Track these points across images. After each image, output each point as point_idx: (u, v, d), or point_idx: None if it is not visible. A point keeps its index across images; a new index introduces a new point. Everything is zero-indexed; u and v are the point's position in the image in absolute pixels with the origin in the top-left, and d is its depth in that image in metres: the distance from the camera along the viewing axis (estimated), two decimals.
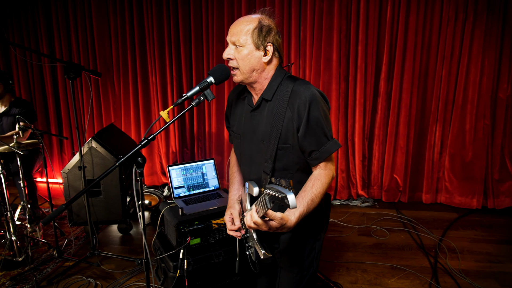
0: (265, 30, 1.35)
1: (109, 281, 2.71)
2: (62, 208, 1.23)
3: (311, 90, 1.34)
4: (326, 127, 1.36)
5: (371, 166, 4.14)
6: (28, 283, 2.70)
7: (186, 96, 1.32)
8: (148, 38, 4.30)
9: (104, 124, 4.65)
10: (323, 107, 1.36)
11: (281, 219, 1.21)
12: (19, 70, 4.72)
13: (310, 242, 1.54)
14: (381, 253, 3.08)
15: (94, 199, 3.19)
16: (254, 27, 1.35)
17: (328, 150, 1.38)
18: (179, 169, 2.64)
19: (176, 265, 2.21)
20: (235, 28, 1.37)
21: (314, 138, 1.36)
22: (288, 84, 1.38)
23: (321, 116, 1.34)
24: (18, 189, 3.42)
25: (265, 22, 1.37)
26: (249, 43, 1.35)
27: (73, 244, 3.28)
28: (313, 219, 1.49)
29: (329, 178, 1.39)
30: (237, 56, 1.37)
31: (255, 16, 1.39)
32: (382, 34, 3.78)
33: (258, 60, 1.37)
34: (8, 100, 3.50)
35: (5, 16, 4.60)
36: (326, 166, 1.40)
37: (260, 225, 1.21)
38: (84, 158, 3.09)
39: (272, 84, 1.41)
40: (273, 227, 1.23)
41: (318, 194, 1.35)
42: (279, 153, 1.39)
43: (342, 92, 3.93)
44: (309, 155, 1.39)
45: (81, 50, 4.50)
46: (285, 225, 1.25)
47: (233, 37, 1.37)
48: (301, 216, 1.30)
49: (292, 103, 1.35)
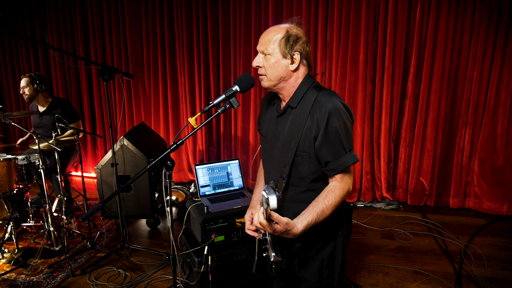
0: (292, 40, 1.39)
1: (137, 273, 2.86)
2: (99, 206, 1.34)
3: (333, 102, 1.35)
4: (344, 139, 1.36)
5: (396, 168, 4.10)
6: (64, 271, 2.89)
7: (213, 103, 1.39)
8: (177, 40, 4.44)
9: (135, 122, 4.85)
10: (344, 119, 1.36)
11: (286, 224, 1.24)
12: (57, 72, 4.99)
13: (327, 253, 1.53)
14: (404, 257, 3.06)
15: (125, 194, 3.35)
16: (281, 36, 1.39)
17: (345, 162, 1.37)
18: (205, 169, 2.73)
19: (201, 261, 2.30)
20: (264, 38, 1.42)
21: (330, 149, 1.37)
22: (313, 93, 1.41)
23: (340, 128, 1.34)
24: (54, 183, 3.65)
25: (293, 32, 1.41)
26: (276, 52, 1.40)
27: (105, 236, 3.46)
28: (330, 229, 1.50)
29: (343, 191, 1.39)
30: (265, 64, 1.42)
31: (284, 25, 1.43)
32: (411, 35, 3.73)
33: (285, 68, 1.41)
34: (44, 100, 3.70)
35: (45, 21, 4.88)
36: (342, 179, 1.40)
37: (265, 226, 1.24)
38: (116, 155, 3.26)
39: (298, 92, 1.45)
40: (277, 231, 1.25)
41: (330, 206, 1.36)
42: (296, 160, 1.43)
43: (368, 94, 3.91)
44: (325, 166, 1.40)
45: (115, 52, 4.71)
46: (290, 231, 1.27)
47: (262, 46, 1.42)
48: (309, 225, 1.32)
49: (313, 112, 1.38)
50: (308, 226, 1.32)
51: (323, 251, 1.52)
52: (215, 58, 4.40)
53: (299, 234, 1.30)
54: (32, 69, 5.08)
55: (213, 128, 4.63)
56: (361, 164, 4.09)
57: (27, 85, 3.54)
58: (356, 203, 4.16)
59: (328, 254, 1.53)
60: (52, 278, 2.80)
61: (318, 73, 3.81)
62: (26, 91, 3.56)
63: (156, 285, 2.71)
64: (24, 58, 5.10)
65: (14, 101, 5.36)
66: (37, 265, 2.98)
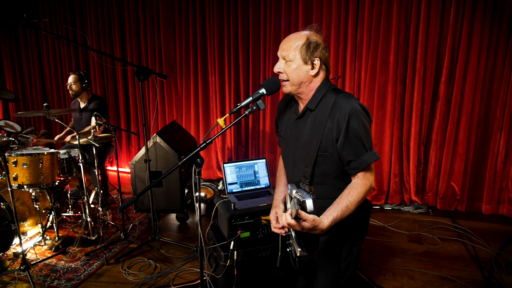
0: (312, 46, 1.46)
1: (167, 264, 3.00)
2: (134, 199, 1.46)
3: (352, 104, 1.42)
4: (364, 138, 1.43)
5: (426, 172, 4.02)
6: (99, 259, 3.07)
7: (240, 105, 1.48)
8: (209, 41, 4.57)
9: (167, 120, 5.03)
10: (363, 120, 1.43)
11: (313, 221, 1.31)
12: (96, 71, 5.27)
13: (347, 247, 1.60)
14: (431, 261, 3.02)
15: (156, 189, 3.51)
16: (302, 43, 1.46)
17: (366, 160, 1.44)
18: (233, 167, 2.82)
19: (227, 255, 2.39)
20: (285, 44, 1.49)
21: (352, 149, 1.43)
22: (332, 96, 1.48)
23: (360, 128, 1.41)
24: (93, 177, 3.87)
25: (313, 38, 1.47)
26: (297, 58, 1.46)
27: (137, 228, 3.64)
28: (352, 225, 1.56)
29: (366, 187, 1.45)
30: (286, 70, 1.49)
31: (304, 32, 1.49)
32: (444, 35, 3.65)
33: (306, 73, 1.48)
34: (86, 97, 3.95)
35: (86, 24, 5.17)
36: (364, 176, 1.46)
37: (293, 226, 1.32)
38: (149, 152, 3.42)
39: (317, 95, 1.51)
40: (305, 228, 1.33)
41: (354, 202, 1.42)
42: (318, 160, 1.49)
43: (398, 95, 3.86)
44: (347, 165, 1.47)
45: (149, 53, 4.91)
46: (317, 227, 1.34)
47: (283, 52, 1.49)
48: (335, 221, 1.39)
49: (333, 114, 1.44)
50: (334, 222, 1.38)
51: (343, 245, 1.60)
52: (245, 59, 4.49)
53: (326, 230, 1.37)
54: (73, 68, 5.39)
55: (241, 127, 4.73)
56: (389, 166, 4.05)
57: (74, 82, 3.79)
58: (383, 205, 4.13)
59: (347, 249, 1.60)
60: (89, 265, 2.99)
61: (335, 77, 3.81)
62: (74, 87, 3.80)
63: (184, 276, 2.84)
64: (66, 58, 5.42)
65: (56, 99, 5.70)
66: (75, 252, 3.19)
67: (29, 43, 5.65)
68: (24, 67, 5.80)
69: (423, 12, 3.60)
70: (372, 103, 3.96)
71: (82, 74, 3.82)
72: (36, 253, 3.16)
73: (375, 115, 3.97)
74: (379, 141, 4.01)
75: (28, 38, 5.65)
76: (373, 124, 3.99)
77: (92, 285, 2.75)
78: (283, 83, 1.53)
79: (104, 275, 2.87)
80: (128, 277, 2.83)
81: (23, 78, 5.90)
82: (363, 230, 1.66)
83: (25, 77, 5.86)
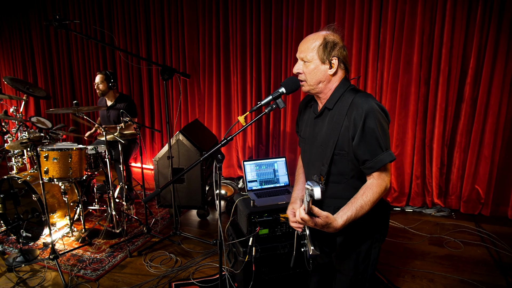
0: (329, 46, 1.47)
1: (187, 259, 3.08)
2: (158, 191, 1.53)
3: (369, 103, 1.42)
4: (381, 138, 1.42)
5: (450, 174, 3.95)
6: (123, 251, 3.19)
7: (260, 104, 1.52)
8: (231, 41, 4.64)
9: (189, 119, 5.14)
10: (380, 119, 1.43)
11: (327, 218, 1.33)
12: (122, 70, 5.44)
13: (365, 248, 1.59)
14: (452, 265, 2.97)
15: (178, 186, 3.60)
16: (319, 43, 1.48)
17: (382, 160, 1.43)
18: (253, 165, 2.87)
19: (246, 251, 2.44)
20: (303, 46, 1.52)
21: (367, 148, 1.43)
22: (350, 95, 1.49)
23: (376, 128, 1.41)
24: (118, 172, 4.01)
25: (330, 38, 1.49)
26: (315, 59, 1.49)
27: (159, 223, 3.74)
28: (370, 227, 1.56)
29: (381, 188, 1.45)
30: (305, 70, 1.52)
31: (321, 33, 1.52)
32: (470, 36, 3.58)
33: (324, 73, 1.50)
34: (113, 95, 4.10)
35: (113, 25, 5.34)
36: (380, 176, 1.46)
37: (307, 221, 1.33)
38: (172, 149, 3.51)
39: (335, 94, 1.53)
40: (318, 224, 1.34)
41: (368, 202, 1.42)
42: (335, 158, 1.51)
43: (422, 96, 3.81)
44: (362, 164, 1.47)
45: (173, 53, 5.03)
46: (331, 225, 1.35)
47: (301, 54, 1.52)
48: (349, 220, 1.39)
49: (350, 113, 1.45)
50: (348, 221, 1.39)
51: (360, 247, 1.59)
52: (267, 59, 4.53)
53: (339, 228, 1.38)
54: (101, 67, 5.59)
55: (262, 127, 4.78)
56: (411, 168, 4.00)
57: (101, 81, 3.94)
58: (404, 207, 4.08)
59: (365, 250, 1.59)
60: (113, 257, 3.11)
61: (354, 77, 3.79)
62: (101, 87, 3.95)
63: (203, 271, 2.91)
64: (94, 58, 5.62)
65: (84, 97, 5.92)
66: (100, 244, 3.32)
67: (60, 43, 5.89)
68: (55, 66, 6.06)
69: (449, 12, 3.54)
70: (394, 104, 3.92)
71: (108, 73, 3.97)
72: (64, 244, 3.31)
73: (397, 116, 3.92)
74: (400, 143, 3.97)
75: (59, 39, 5.89)
76: (395, 125, 3.95)
77: (116, 275, 2.86)
78: (302, 83, 1.56)
79: (127, 267, 2.98)
80: (150, 269, 2.93)
81: (53, 77, 6.16)
82: (382, 232, 1.64)
83: (55, 76, 6.11)
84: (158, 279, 2.79)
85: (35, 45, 6.12)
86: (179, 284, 2.73)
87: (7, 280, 2.80)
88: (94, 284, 2.75)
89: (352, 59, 4.00)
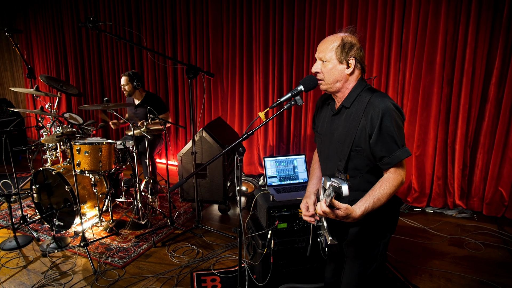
0: (347, 47, 1.56)
1: (208, 250, 3.20)
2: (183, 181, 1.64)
3: (385, 103, 1.50)
4: (397, 136, 1.51)
5: (472, 175, 3.90)
6: (148, 242, 3.34)
7: (280, 100, 1.62)
8: (254, 42, 4.74)
9: (212, 116, 5.28)
10: (396, 118, 1.51)
11: (346, 209, 1.41)
12: (149, 69, 5.65)
13: (374, 239, 1.68)
14: (471, 266, 2.96)
15: (201, 181, 3.74)
16: (338, 44, 1.57)
17: (398, 156, 1.52)
18: (273, 161, 2.96)
19: (264, 244, 2.54)
20: (322, 46, 1.61)
21: (384, 145, 1.51)
22: (367, 95, 1.57)
23: (392, 126, 1.49)
24: (143, 166, 4.18)
25: (348, 39, 1.57)
26: (333, 59, 1.57)
27: (182, 216, 3.89)
28: (380, 218, 1.64)
29: (397, 181, 1.53)
30: (323, 70, 1.60)
31: (340, 34, 1.60)
32: (496, 36, 3.52)
33: (341, 72, 1.58)
34: (139, 94, 4.27)
35: (141, 25, 5.55)
36: (396, 171, 1.54)
37: (328, 214, 1.43)
38: (195, 145, 3.64)
39: (352, 93, 1.61)
40: (339, 216, 1.43)
41: (385, 195, 1.50)
42: (352, 154, 1.59)
43: (444, 97, 3.79)
44: (380, 160, 1.55)
45: (198, 53, 5.19)
46: (350, 215, 1.44)
47: (320, 54, 1.61)
48: (366, 211, 1.48)
49: (367, 112, 1.53)
50: (366, 212, 1.48)
51: (370, 237, 1.67)
52: (288, 59, 4.60)
53: (358, 219, 1.47)
54: (129, 67, 5.82)
55: (283, 125, 4.85)
56: (432, 168, 3.98)
57: (127, 83, 4.13)
58: (425, 208, 4.06)
59: (374, 240, 1.67)
60: (138, 246, 3.27)
61: (370, 77, 3.81)
62: (127, 88, 4.14)
63: (224, 262, 3.02)
64: (122, 57, 5.85)
65: (113, 94, 6.17)
66: (127, 234, 3.49)
67: (91, 43, 6.17)
68: (86, 65, 6.34)
69: (474, 12, 3.50)
70: (416, 104, 3.91)
71: (131, 74, 4.13)
72: (93, 233, 3.50)
73: (419, 116, 3.92)
74: (422, 143, 3.96)
75: (90, 39, 6.17)
76: (417, 125, 3.94)
77: (141, 264, 3.01)
78: (320, 82, 1.64)
79: (151, 256, 3.13)
80: (173, 259, 3.07)
81: (84, 75, 6.45)
82: (392, 224, 1.72)
83: (86, 75, 6.40)
84: (180, 269, 2.93)
85: (68, 44, 6.43)
86: (200, 273, 2.85)
87: (42, 264, 3.01)
88: (121, 271, 2.91)
89: (374, 59, 4.02)
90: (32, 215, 3.91)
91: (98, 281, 2.77)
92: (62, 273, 2.88)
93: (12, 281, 2.80)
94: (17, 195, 3.53)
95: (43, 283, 2.76)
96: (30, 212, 3.99)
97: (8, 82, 7.40)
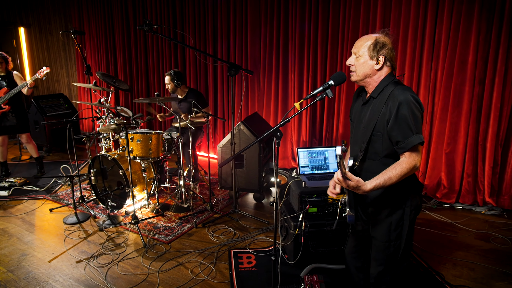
0: (379, 46, 1.79)
1: (244, 233, 3.52)
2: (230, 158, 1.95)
3: (405, 95, 1.72)
4: (411, 123, 1.70)
5: (503, 174, 3.95)
6: (189, 223, 3.71)
7: (313, 93, 1.90)
8: (290, 42, 5.00)
9: (249, 111, 5.60)
10: (413, 108, 1.71)
11: (357, 181, 1.64)
12: (191, 67, 6.06)
13: (396, 219, 1.85)
14: (496, 258, 3.07)
15: (238, 170, 4.06)
16: (371, 43, 1.81)
17: (412, 142, 1.70)
18: (306, 152, 3.21)
19: (296, 225, 2.80)
20: (358, 43, 1.86)
21: (400, 131, 1.72)
22: (391, 87, 1.80)
23: (408, 114, 1.70)
24: (186, 155, 4.56)
25: (381, 40, 1.81)
26: (365, 55, 1.82)
27: (220, 202, 4.23)
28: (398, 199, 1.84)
29: (410, 165, 1.71)
30: (355, 63, 1.86)
31: (374, 35, 1.84)
32: None
33: (371, 67, 1.82)
34: (181, 91, 4.64)
35: (185, 26, 5.97)
36: (410, 156, 1.73)
37: (340, 182, 1.67)
38: (234, 137, 3.96)
39: (379, 86, 1.84)
40: (350, 186, 1.66)
41: (396, 175, 1.69)
42: (372, 138, 1.82)
43: (476, 96, 3.87)
44: (396, 144, 1.76)
45: (237, 52, 5.52)
46: (360, 187, 1.66)
47: (355, 49, 1.86)
48: (377, 187, 1.68)
49: (388, 101, 1.77)
50: (376, 187, 1.69)
51: (391, 216, 1.87)
52: (323, 58, 4.82)
53: (368, 191, 1.68)
54: (172, 65, 6.25)
55: (317, 121, 5.08)
56: (462, 166, 4.06)
57: (169, 82, 4.52)
58: (454, 204, 4.15)
59: (396, 220, 1.86)
60: (181, 226, 3.64)
61: (399, 75, 3.95)
62: (169, 86, 4.54)
63: (258, 243, 3.32)
64: (166, 56, 6.30)
65: (157, 89, 6.65)
66: (171, 216, 3.87)
67: (138, 43, 6.67)
68: (133, 63, 6.86)
69: (507, 13, 3.57)
70: (447, 102, 4.02)
71: (172, 74, 4.51)
72: (142, 213, 3.91)
73: (449, 115, 4.02)
74: (452, 140, 4.06)
75: (138, 39, 6.67)
76: (447, 123, 4.05)
77: (184, 241, 3.37)
78: (351, 73, 1.90)
79: (193, 235, 3.48)
80: (213, 238, 3.40)
81: (131, 73, 6.97)
82: (414, 207, 1.87)
83: (133, 72, 6.92)
84: (219, 246, 3.26)
85: (118, 44, 6.98)
86: (237, 252, 3.17)
87: (99, 237, 3.44)
88: (167, 246, 3.28)
89: (407, 57, 4.16)
90: (88, 196, 4.39)
91: (147, 253, 3.16)
92: (117, 245, 3.30)
93: (75, 249, 3.25)
94: (77, 177, 4.01)
95: (102, 252, 3.18)
96: (86, 194, 4.48)
97: (64, 78, 8.10)
